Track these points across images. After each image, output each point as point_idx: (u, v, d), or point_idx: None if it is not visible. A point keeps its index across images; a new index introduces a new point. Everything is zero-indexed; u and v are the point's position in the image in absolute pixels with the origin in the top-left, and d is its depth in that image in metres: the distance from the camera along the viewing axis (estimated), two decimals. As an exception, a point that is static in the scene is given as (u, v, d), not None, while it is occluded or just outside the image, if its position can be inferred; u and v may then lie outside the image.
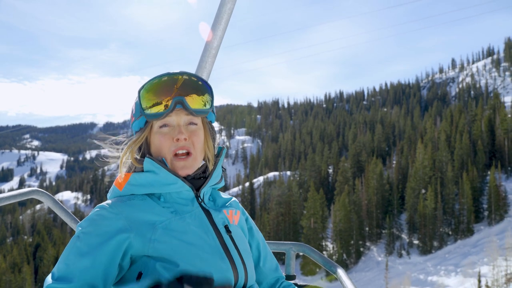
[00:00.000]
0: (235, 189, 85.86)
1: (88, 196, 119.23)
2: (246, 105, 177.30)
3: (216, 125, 2.23)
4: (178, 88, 1.20)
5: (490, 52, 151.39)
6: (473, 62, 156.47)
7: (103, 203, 1.17)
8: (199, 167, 1.27)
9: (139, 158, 1.24)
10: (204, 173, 1.29)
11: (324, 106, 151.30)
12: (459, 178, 52.64)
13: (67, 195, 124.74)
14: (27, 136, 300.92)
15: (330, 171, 77.21)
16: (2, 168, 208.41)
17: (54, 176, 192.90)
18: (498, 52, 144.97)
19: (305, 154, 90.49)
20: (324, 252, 52.22)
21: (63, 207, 2.06)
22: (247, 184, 78.96)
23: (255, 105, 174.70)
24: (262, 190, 77.21)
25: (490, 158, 59.32)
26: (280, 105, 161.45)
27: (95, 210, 1.15)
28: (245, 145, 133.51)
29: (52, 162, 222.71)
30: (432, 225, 49.76)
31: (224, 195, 1.40)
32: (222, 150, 1.34)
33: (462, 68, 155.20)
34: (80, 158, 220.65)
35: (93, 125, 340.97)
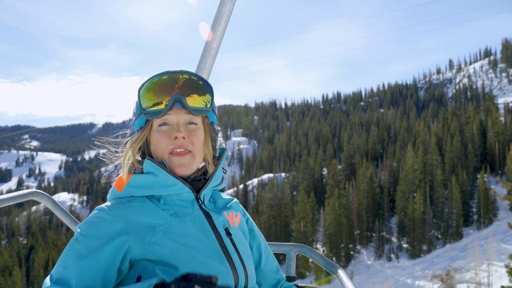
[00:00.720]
0: (230, 191, 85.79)
1: (85, 198, 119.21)
2: (243, 106, 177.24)
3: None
4: (179, 87, 1.19)
5: (487, 53, 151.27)
6: (470, 63, 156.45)
7: (102, 205, 1.15)
8: (199, 168, 1.25)
9: (140, 159, 1.23)
10: (204, 175, 1.27)
11: (321, 107, 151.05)
12: (448, 181, 52.62)
13: (64, 197, 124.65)
14: (26, 136, 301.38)
15: (324, 173, 77.07)
16: (1, 168, 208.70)
17: (53, 176, 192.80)
18: (495, 53, 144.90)
19: (300, 156, 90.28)
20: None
21: (63, 209, 2.04)
22: (242, 186, 78.99)
23: (252, 106, 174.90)
24: (255, 192, 77.16)
25: (482, 161, 59.22)
26: (277, 106, 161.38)
27: (94, 212, 1.13)
28: (241, 146, 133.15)
29: (51, 163, 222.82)
30: (421, 228, 49.71)
31: (225, 196, 1.38)
32: (224, 151, 1.32)
33: (459, 69, 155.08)
34: (79, 159, 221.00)
35: (92, 125, 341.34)
